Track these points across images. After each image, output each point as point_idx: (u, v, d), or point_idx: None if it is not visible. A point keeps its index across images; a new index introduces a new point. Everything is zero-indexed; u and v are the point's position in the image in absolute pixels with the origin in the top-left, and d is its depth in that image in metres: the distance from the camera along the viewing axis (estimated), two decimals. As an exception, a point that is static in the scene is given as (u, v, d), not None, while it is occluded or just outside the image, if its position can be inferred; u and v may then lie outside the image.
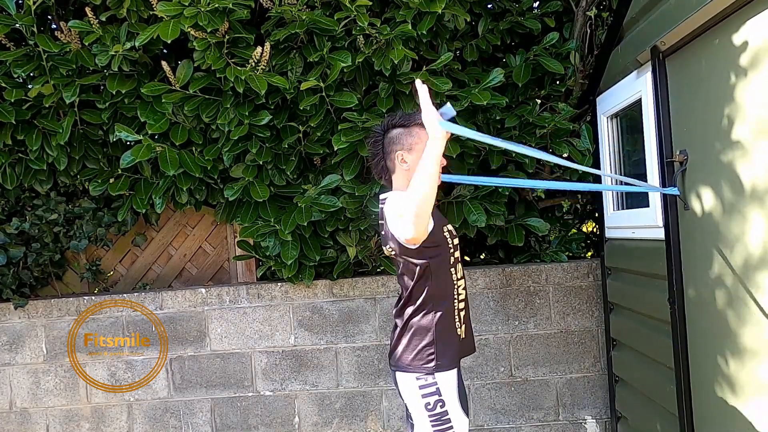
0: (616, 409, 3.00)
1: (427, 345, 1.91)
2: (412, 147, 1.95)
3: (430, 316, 1.92)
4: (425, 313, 1.92)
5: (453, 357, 1.94)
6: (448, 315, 1.94)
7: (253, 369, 3.23)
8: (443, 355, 1.91)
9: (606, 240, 2.99)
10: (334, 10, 2.69)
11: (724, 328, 1.89)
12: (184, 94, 2.82)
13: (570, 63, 3.07)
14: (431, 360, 1.90)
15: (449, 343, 1.93)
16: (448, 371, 1.92)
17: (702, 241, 2.01)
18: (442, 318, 1.92)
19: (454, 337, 1.95)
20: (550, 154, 2.14)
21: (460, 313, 1.98)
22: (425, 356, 1.91)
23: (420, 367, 1.91)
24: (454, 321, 1.95)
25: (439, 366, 1.90)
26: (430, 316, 1.92)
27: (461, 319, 1.98)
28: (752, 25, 1.68)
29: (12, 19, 2.76)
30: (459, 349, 1.97)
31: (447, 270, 1.94)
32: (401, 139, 1.97)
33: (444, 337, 1.92)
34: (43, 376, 3.26)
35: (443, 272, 1.93)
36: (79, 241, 3.21)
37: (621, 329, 2.87)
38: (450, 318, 1.95)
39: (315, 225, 3.02)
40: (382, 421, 3.21)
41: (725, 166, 1.84)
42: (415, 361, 1.92)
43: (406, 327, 1.95)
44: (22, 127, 2.96)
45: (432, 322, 1.92)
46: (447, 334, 1.93)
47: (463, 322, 1.99)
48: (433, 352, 1.90)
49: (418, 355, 1.91)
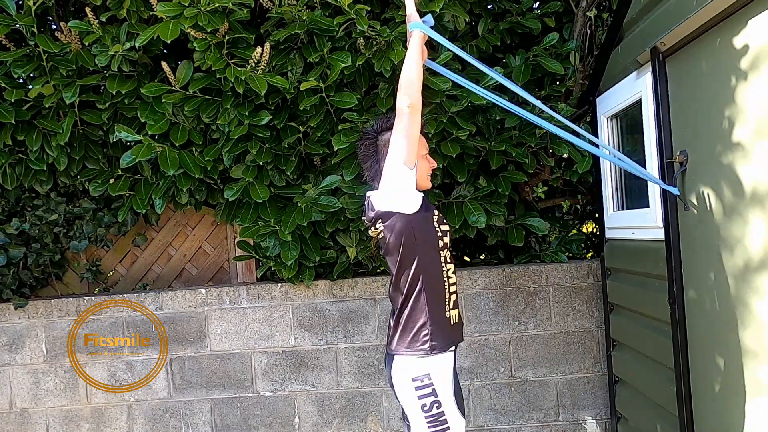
0: (616, 410, 3.00)
1: (421, 326, 1.93)
2: None
3: (423, 295, 1.94)
4: (418, 289, 1.94)
5: (445, 339, 1.96)
6: (439, 295, 1.97)
7: (253, 369, 3.23)
8: (437, 337, 1.94)
9: (606, 240, 2.99)
10: (334, 11, 2.69)
11: (724, 328, 1.89)
12: (184, 94, 2.82)
13: (570, 63, 3.06)
14: (426, 341, 1.93)
15: (441, 325, 1.96)
16: (441, 353, 1.94)
17: (702, 241, 2.01)
18: (432, 297, 1.95)
19: (445, 320, 1.97)
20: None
21: (451, 297, 2.00)
22: (420, 338, 1.93)
23: (416, 348, 1.93)
24: (444, 303, 1.98)
25: (433, 347, 1.93)
26: (423, 294, 1.94)
27: (451, 303, 2.00)
28: (753, 26, 1.68)
29: (12, 19, 2.76)
30: (450, 333, 1.99)
31: (434, 248, 1.97)
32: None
33: (437, 318, 1.95)
34: (43, 376, 3.26)
35: (429, 248, 1.96)
36: (79, 242, 3.21)
37: (621, 330, 2.87)
38: (440, 299, 1.97)
39: (315, 225, 3.02)
40: (382, 422, 3.21)
41: (725, 166, 1.84)
42: (411, 344, 1.94)
43: (403, 306, 1.97)
44: (23, 127, 2.95)
45: (425, 300, 1.94)
46: (439, 316, 1.96)
47: (453, 306, 2.01)
48: (427, 333, 1.93)
49: (414, 337, 1.94)
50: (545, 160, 3.09)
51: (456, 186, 3.06)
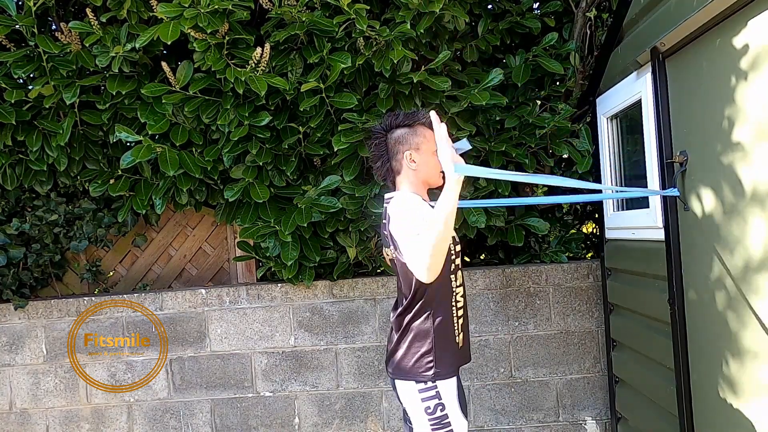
0: (616, 410, 3.00)
1: (425, 352, 1.88)
2: (420, 146, 1.93)
3: (429, 321, 1.89)
4: (425, 317, 1.89)
5: (451, 365, 1.91)
6: (447, 321, 1.91)
7: (253, 370, 3.23)
8: (442, 363, 1.88)
9: (606, 241, 2.99)
10: (333, 12, 2.69)
11: (724, 328, 1.89)
12: (184, 95, 2.82)
13: (570, 64, 3.07)
14: (430, 368, 1.88)
15: (447, 351, 1.90)
16: (446, 380, 1.89)
17: (702, 242, 2.01)
18: (440, 324, 1.89)
19: (452, 345, 1.92)
20: (561, 177, 2.17)
21: (459, 321, 1.94)
22: (424, 364, 1.88)
23: (419, 374, 1.88)
24: (452, 328, 1.92)
25: (437, 374, 1.87)
26: (429, 320, 1.89)
27: (459, 327, 1.95)
28: (753, 26, 1.68)
29: (12, 20, 2.76)
30: (457, 358, 1.94)
31: (447, 277, 1.90)
32: (408, 139, 1.93)
33: (442, 344, 1.89)
34: (43, 376, 3.26)
35: (442, 279, 1.87)
36: (79, 242, 3.21)
37: (621, 330, 2.87)
38: (448, 325, 1.91)
39: (315, 226, 3.02)
40: (382, 422, 3.21)
41: (725, 167, 1.84)
42: (414, 368, 1.89)
43: (406, 331, 1.92)
44: (23, 127, 2.96)
45: (431, 327, 1.88)
46: (445, 341, 1.90)
47: (461, 330, 1.95)
48: (431, 360, 1.87)
49: (417, 363, 1.88)
50: (545, 161, 3.09)
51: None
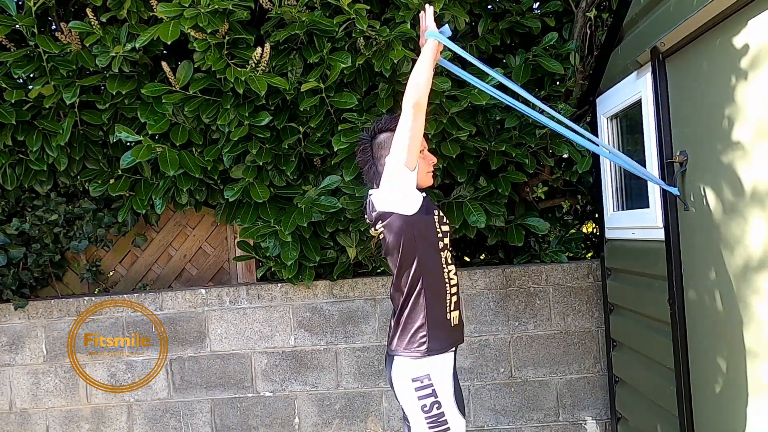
0: (617, 410, 3.00)
1: (419, 327, 1.94)
2: None
3: (422, 296, 1.94)
4: (418, 290, 1.94)
5: (444, 341, 1.96)
6: (439, 296, 1.97)
7: (253, 370, 3.23)
8: (434, 338, 1.94)
9: (606, 241, 2.99)
10: (333, 12, 2.69)
11: (725, 328, 1.89)
12: (185, 94, 2.82)
13: (570, 64, 3.07)
14: (423, 342, 1.93)
15: (440, 327, 1.96)
16: (439, 354, 1.94)
17: (702, 242, 2.01)
18: (433, 298, 1.95)
19: (445, 322, 1.97)
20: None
21: (452, 298, 2.00)
22: (417, 339, 1.94)
23: (413, 350, 1.93)
24: (445, 305, 1.98)
25: (430, 350, 1.93)
26: (422, 295, 1.94)
27: (452, 305, 2.00)
28: (753, 26, 1.68)
29: (12, 19, 2.76)
30: (450, 335, 1.99)
31: (435, 249, 1.97)
32: (389, 143, 1.98)
33: (435, 319, 1.95)
34: (43, 376, 3.26)
35: (430, 248, 1.95)
36: (79, 242, 3.21)
37: (621, 330, 2.87)
38: (441, 300, 1.97)
39: (315, 226, 3.02)
40: (382, 422, 3.21)
41: (725, 167, 1.84)
42: (409, 345, 1.94)
43: (402, 307, 1.97)
44: (23, 127, 2.95)
45: (424, 301, 1.94)
46: (438, 317, 1.96)
47: (454, 308, 2.01)
48: (425, 334, 1.93)
49: (411, 338, 1.94)
50: (545, 161, 3.09)
51: (456, 186, 3.06)
